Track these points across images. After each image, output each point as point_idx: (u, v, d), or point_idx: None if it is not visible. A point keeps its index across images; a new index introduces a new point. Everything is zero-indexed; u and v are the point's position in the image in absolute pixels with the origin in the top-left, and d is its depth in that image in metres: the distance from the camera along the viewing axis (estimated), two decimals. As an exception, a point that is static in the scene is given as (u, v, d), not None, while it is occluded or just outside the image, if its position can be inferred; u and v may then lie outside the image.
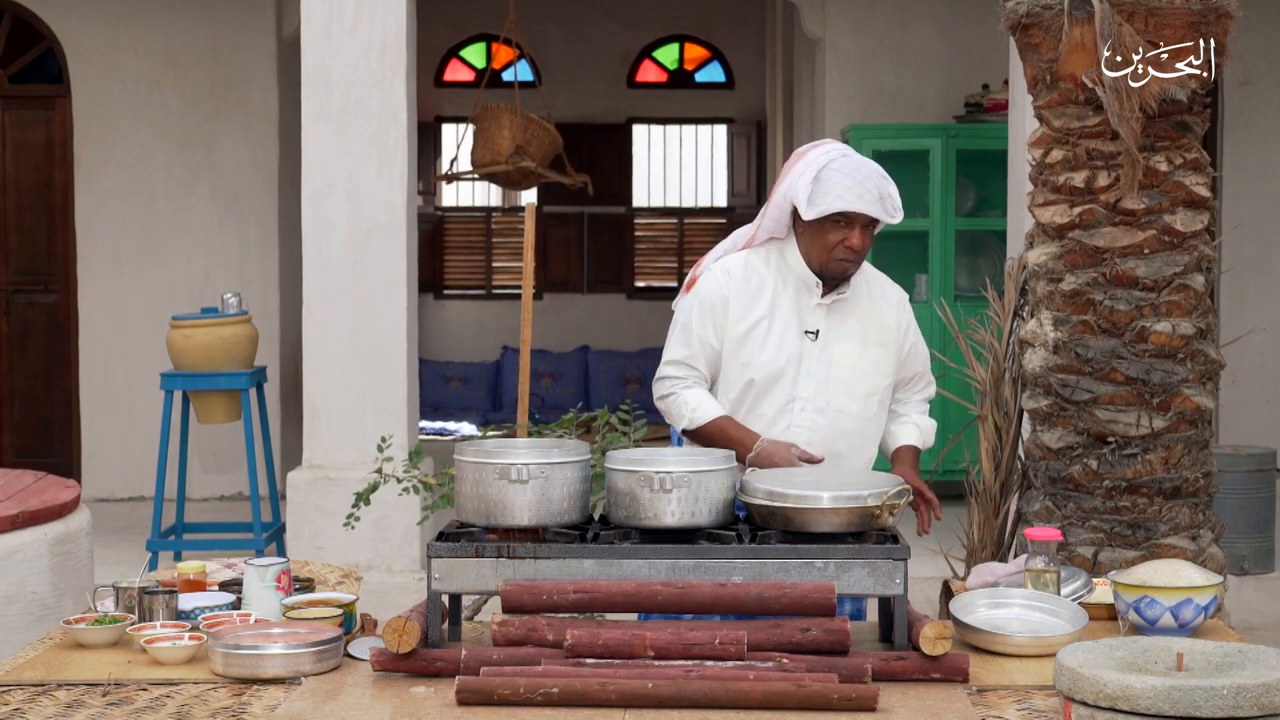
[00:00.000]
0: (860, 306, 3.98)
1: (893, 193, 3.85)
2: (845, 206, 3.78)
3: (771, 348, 3.90)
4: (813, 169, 3.83)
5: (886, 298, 4.05)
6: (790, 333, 3.91)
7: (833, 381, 3.91)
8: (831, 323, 3.93)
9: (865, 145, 9.26)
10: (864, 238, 3.85)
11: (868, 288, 4.02)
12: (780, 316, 3.92)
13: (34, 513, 4.80)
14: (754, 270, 3.96)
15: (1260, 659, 2.71)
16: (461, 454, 3.39)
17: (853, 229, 3.83)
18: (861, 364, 3.94)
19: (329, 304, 7.40)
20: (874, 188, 3.80)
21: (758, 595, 3.12)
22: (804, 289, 3.93)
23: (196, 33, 9.68)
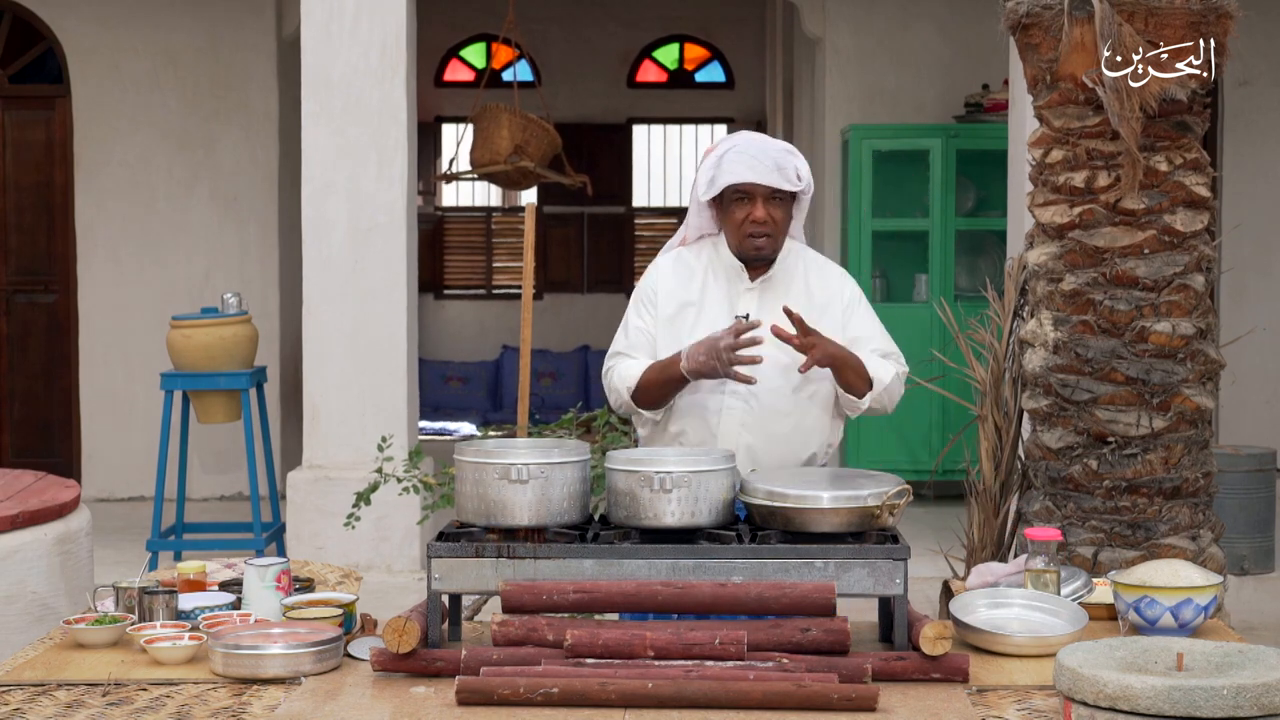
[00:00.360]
0: (795, 288, 3.95)
1: (795, 165, 3.85)
2: (735, 179, 3.82)
3: (700, 333, 3.89)
4: (718, 155, 3.89)
5: (826, 279, 4.00)
6: (721, 318, 3.92)
7: (766, 364, 3.84)
8: (764, 304, 3.92)
9: (865, 145, 9.28)
10: (769, 209, 3.85)
11: (804, 270, 3.99)
12: (710, 304, 3.94)
13: (34, 513, 4.80)
14: (684, 263, 4.01)
15: (1260, 659, 2.71)
16: (461, 454, 3.39)
17: (754, 202, 3.84)
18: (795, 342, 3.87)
19: (329, 304, 7.40)
20: (769, 160, 3.82)
21: (758, 595, 3.12)
22: (734, 276, 3.95)
23: (196, 33, 9.68)
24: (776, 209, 3.86)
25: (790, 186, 3.84)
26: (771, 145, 3.88)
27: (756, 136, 3.93)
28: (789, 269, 3.97)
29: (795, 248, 4.01)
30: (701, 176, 3.91)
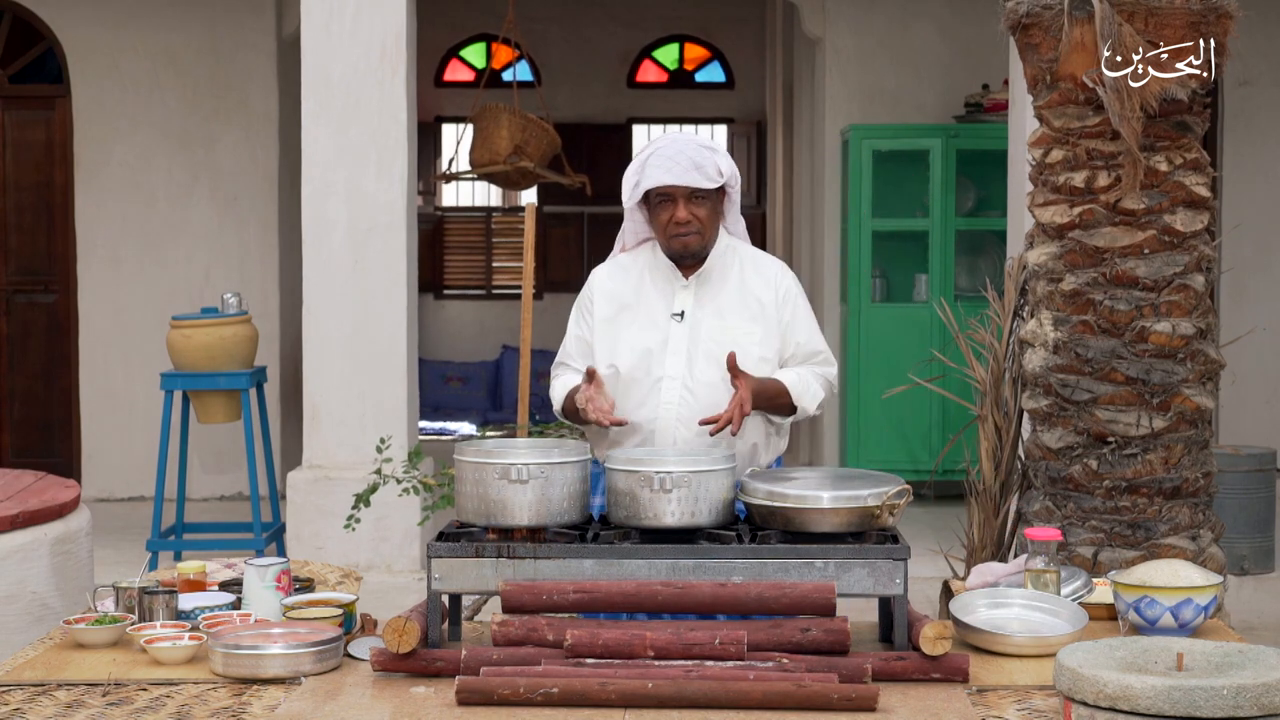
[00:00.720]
0: (730, 283, 3.98)
1: (715, 161, 3.86)
2: (652, 183, 3.85)
3: (636, 332, 3.93)
4: (638, 162, 3.92)
5: (762, 273, 4.03)
6: (657, 317, 3.94)
7: (699, 357, 3.89)
8: (699, 302, 3.95)
9: (865, 145, 9.27)
10: (691, 208, 3.87)
11: (740, 265, 4.01)
12: (646, 304, 3.96)
13: (34, 513, 4.80)
14: (621, 267, 4.04)
15: (1260, 659, 2.71)
16: (461, 454, 3.39)
17: (676, 204, 3.87)
18: (729, 337, 3.91)
19: (329, 304, 7.39)
20: (686, 160, 3.84)
21: (758, 595, 3.12)
22: (670, 275, 3.97)
23: (196, 33, 9.68)
24: (699, 207, 3.88)
25: (708, 184, 3.86)
26: (689, 145, 3.89)
27: (677, 138, 3.94)
28: (724, 265, 3.99)
29: (732, 244, 4.03)
30: (626, 184, 3.94)
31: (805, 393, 3.94)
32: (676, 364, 3.90)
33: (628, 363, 3.92)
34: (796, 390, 3.92)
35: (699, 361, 3.89)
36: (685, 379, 3.89)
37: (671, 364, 3.90)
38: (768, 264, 4.06)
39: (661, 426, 3.88)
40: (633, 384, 3.91)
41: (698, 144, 3.90)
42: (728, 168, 3.90)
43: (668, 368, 3.90)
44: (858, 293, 9.30)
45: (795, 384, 3.93)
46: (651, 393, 3.90)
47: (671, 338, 3.92)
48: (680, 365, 3.90)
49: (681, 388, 3.89)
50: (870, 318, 9.30)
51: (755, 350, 3.92)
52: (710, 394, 3.88)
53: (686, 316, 3.93)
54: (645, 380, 3.90)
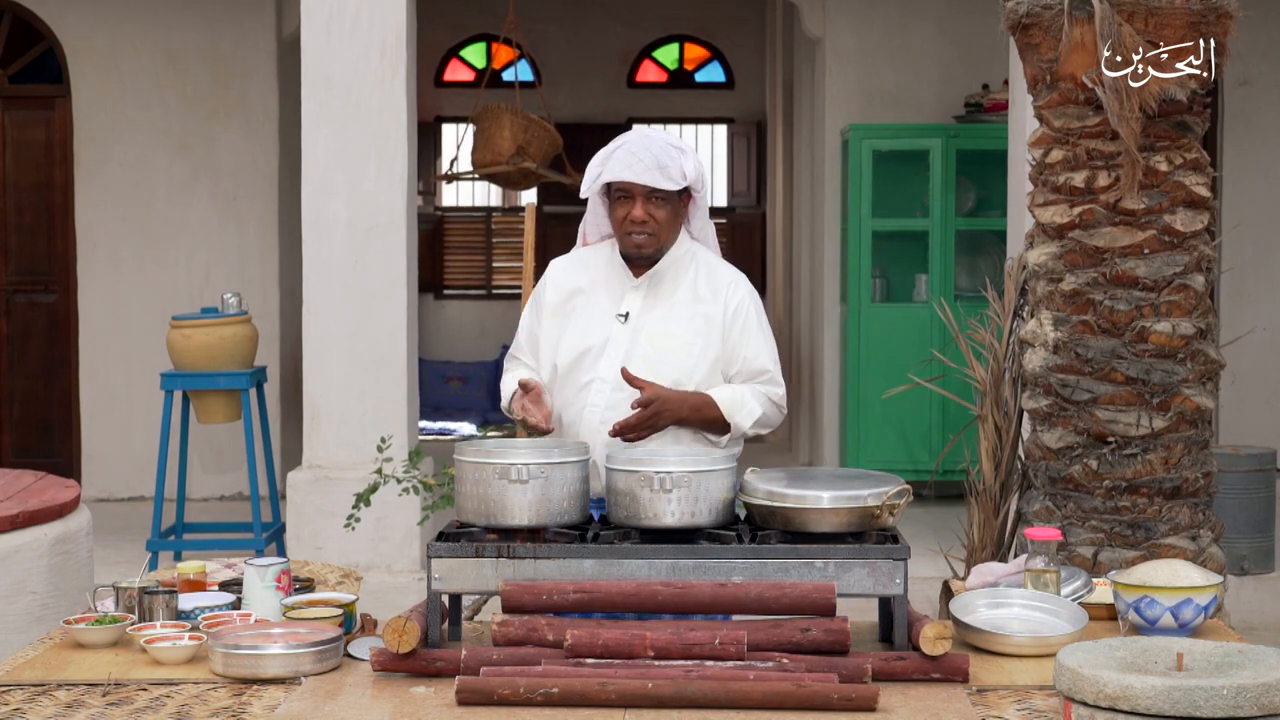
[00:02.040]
0: (681, 291, 3.89)
1: (680, 163, 3.78)
2: (612, 177, 3.79)
3: (580, 329, 3.89)
4: (604, 154, 3.85)
5: (715, 283, 3.91)
6: (603, 316, 3.90)
7: (635, 361, 3.82)
8: (646, 305, 3.88)
9: (865, 145, 9.28)
10: (648, 208, 3.80)
11: (695, 272, 3.91)
12: (595, 302, 3.91)
13: (34, 513, 4.80)
14: (577, 259, 4.01)
15: (1260, 659, 2.71)
16: (461, 454, 3.39)
17: (634, 201, 3.81)
18: (669, 344, 3.84)
19: (329, 304, 7.39)
20: (650, 158, 3.75)
21: (758, 595, 3.12)
22: (622, 275, 3.92)
23: (196, 32, 9.68)
24: (657, 208, 3.80)
25: (669, 185, 3.77)
26: (657, 143, 3.81)
27: (648, 134, 3.86)
28: (679, 270, 3.90)
29: (693, 249, 3.93)
30: (589, 173, 3.88)
31: (739, 410, 3.80)
32: (610, 367, 3.84)
33: (565, 361, 3.89)
34: (727, 406, 3.79)
35: (633, 364, 3.82)
36: (615, 380, 3.83)
37: (605, 366, 3.85)
38: (723, 275, 3.93)
39: (585, 429, 3.82)
40: (568, 381, 3.88)
41: (667, 143, 3.82)
42: (693, 171, 3.81)
43: (600, 370, 3.85)
44: (858, 293, 9.30)
45: (728, 399, 3.80)
46: (581, 393, 3.86)
47: (611, 339, 3.87)
48: (613, 368, 3.83)
49: (611, 391, 3.83)
50: (870, 318, 9.31)
51: (691, 362, 3.82)
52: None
53: (631, 318, 3.87)
54: (578, 380, 3.87)
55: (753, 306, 3.91)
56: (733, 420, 3.79)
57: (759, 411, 3.83)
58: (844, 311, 9.54)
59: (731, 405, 3.80)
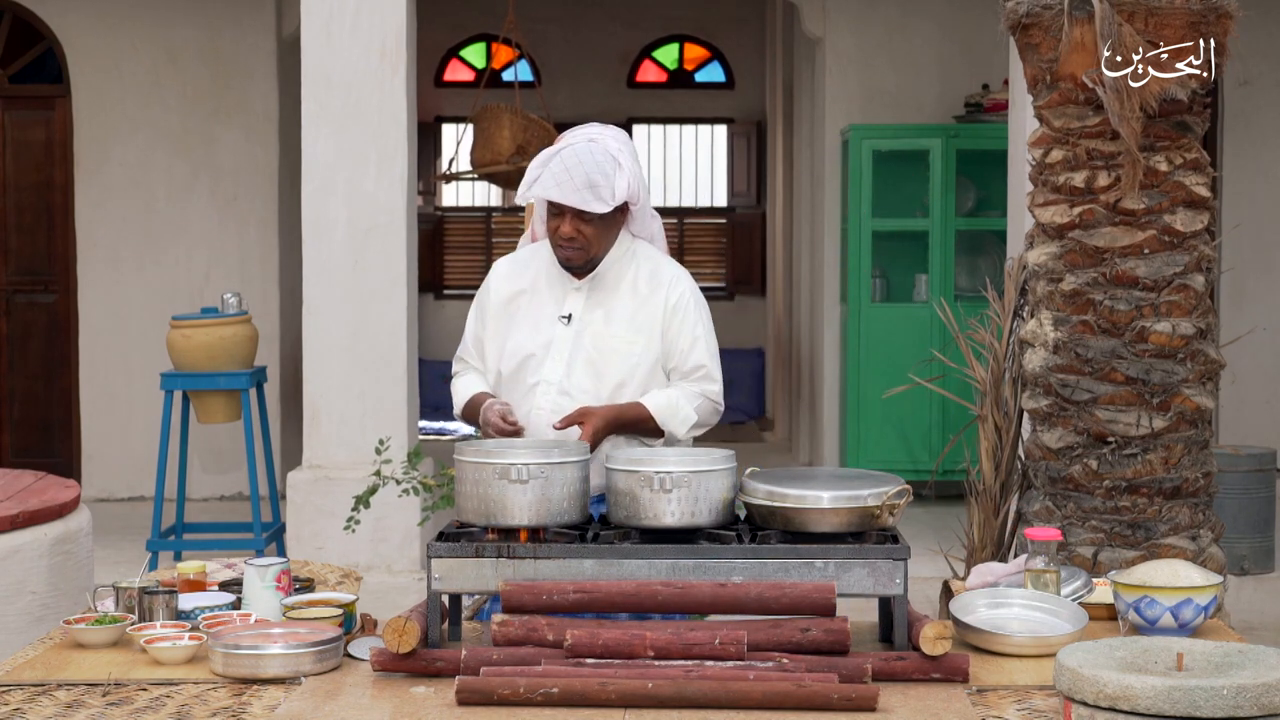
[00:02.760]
0: (622, 290, 3.91)
1: (612, 183, 3.76)
2: (541, 193, 3.80)
3: (524, 332, 3.90)
4: (549, 154, 3.85)
5: (656, 282, 3.92)
6: (546, 317, 3.91)
7: (579, 363, 3.85)
8: (588, 306, 3.90)
9: (865, 145, 9.28)
10: (576, 225, 3.80)
11: (636, 272, 3.92)
12: (538, 302, 3.93)
13: (34, 513, 4.80)
14: (520, 261, 4.02)
15: (1260, 659, 2.71)
16: (461, 454, 3.39)
17: (563, 217, 3.82)
18: (612, 345, 3.86)
19: (329, 304, 7.39)
20: (581, 176, 3.74)
21: (758, 595, 3.12)
22: (563, 277, 3.93)
23: (196, 33, 9.68)
24: (586, 225, 3.81)
25: (598, 207, 3.76)
26: (591, 160, 3.77)
27: (584, 149, 3.80)
28: (620, 270, 3.92)
29: (634, 247, 3.95)
30: (528, 176, 3.86)
31: (672, 417, 3.84)
32: (555, 369, 3.87)
33: (511, 364, 3.90)
34: (661, 415, 3.84)
35: (578, 368, 3.85)
36: (562, 383, 3.86)
37: (550, 369, 3.87)
38: (664, 271, 3.94)
39: (533, 431, 3.84)
40: (514, 385, 3.90)
41: (601, 159, 3.77)
42: (625, 190, 3.78)
43: (545, 372, 3.87)
44: (858, 293, 9.30)
45: (661, 408, 3.84)
46: (527, 396, 3.88)
47: (555, 341, 3.89)
48: (558, 371, 3.86)
49: (557, 393, 3.86)
50: (870, 318, 9.31)
51: (634, 360, 3.86)
52: (584, 400, 3.85)
53: (574, 320, 3.89)
54: (524, 383, 3.89)
55: (693, 301, 3.92)
56: (667, 429, 3.85)
57: (694, 417, 3.88)
58: (844, 311, 9.54)
59: (665, 413, 3.85)
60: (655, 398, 3.86)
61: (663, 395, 3.87)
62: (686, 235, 14.23)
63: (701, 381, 3.91)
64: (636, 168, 3.85)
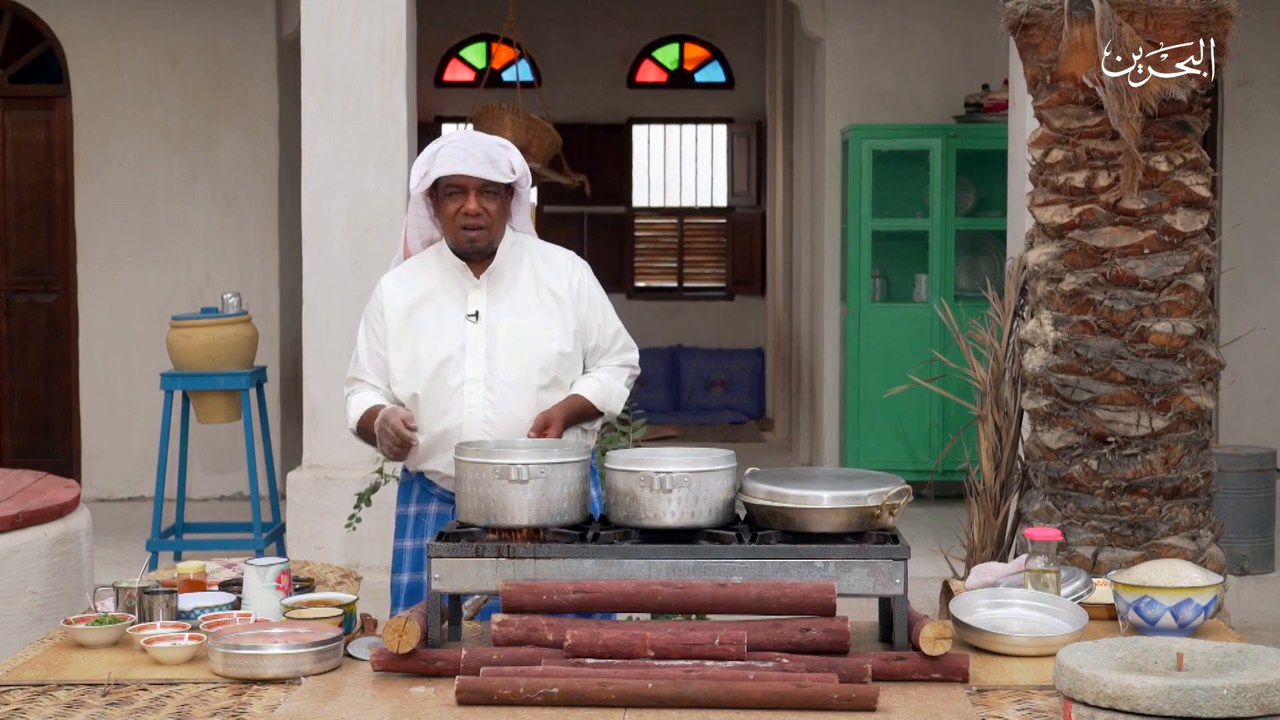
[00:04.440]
0: (522, 279, 3.96)
1: (508, 158, 3.89)
2: (445, 171, 3.84)
3: (432, 338, 3.91)
4: (429, 153, 3.91)
5: (554, 266, 4.01)
6: (452, 320, 3.92)
7: (499, 357, 3.88)
8: (492, 300, 3.93)
9: (865, 145, 9.27)
10: (481, 201, 3.87)
11: (530, 260, 3.99)
12: (439, 308, 3.94)
13: (34, 513, 4.80)
14: (407, 273, 4.02)
15: (1260, 659, 2.71)
16: (461, 454, 3.39)
17: (467, 196, 3.86)
18: (528, 333, 3.91)
19: (329, 304, 7.39)
20: (480, 152, 3.84)
21: (758, 595, 3.12)
22: (460, 275, 3.95)
23: (196, 32, 9.68)
24: (490, 201, 3.88)
25: (501, 178, 3.87)
26: (484, 139, 3.91)
27: (470, 133, 3.95)
28: (515, 260, 3.98)
29: (518, 239, 4.00)
30: (415, 172, 3.92)
31: (609, 399, 4.00)
32: (476, 366, 3.89)
33: (427, 372, 3.89)
34: (599, 399, 3.98)
35: (499, 362, 3.88)
36: (486, 379, 3.88)
37: (471, 367, 3.89)
38: (558, 256, 4.05)
39: (467, 433, 3.85)
40: (435, 389, 3.89)
41: (492, 141, 3.92)
42: (520, 166, 3.92)
43: (467, 371, 3.89)
44: (858, 293, 9.30)
45: (597, 393, 3.98)
46: (454, 399, 3.89)
47: (469, 340, 3.90)
48: (480, 367, 3.88)
49: (484, 389, 3.88)
50: (870, 318, 9.31)
51: (554, 345, 3.93)
52: (513, 393, 3.88)
53: (482, 316, 3.91)
54: (447, 387, 3.89)
55: (592, 280, 4.06)
56: (605, 409, 4.00)
57: (626, 392, 4.06)
58: (844, 311, 9.54)
59: (602, 397, 3.99)
60: (588, 384, 3.98)
61: (593, 381, 3.99)
62: (686, 235, 14.23)
63: (623, 353, 4.07)
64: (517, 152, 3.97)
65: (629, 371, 4.08)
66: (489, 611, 3.72)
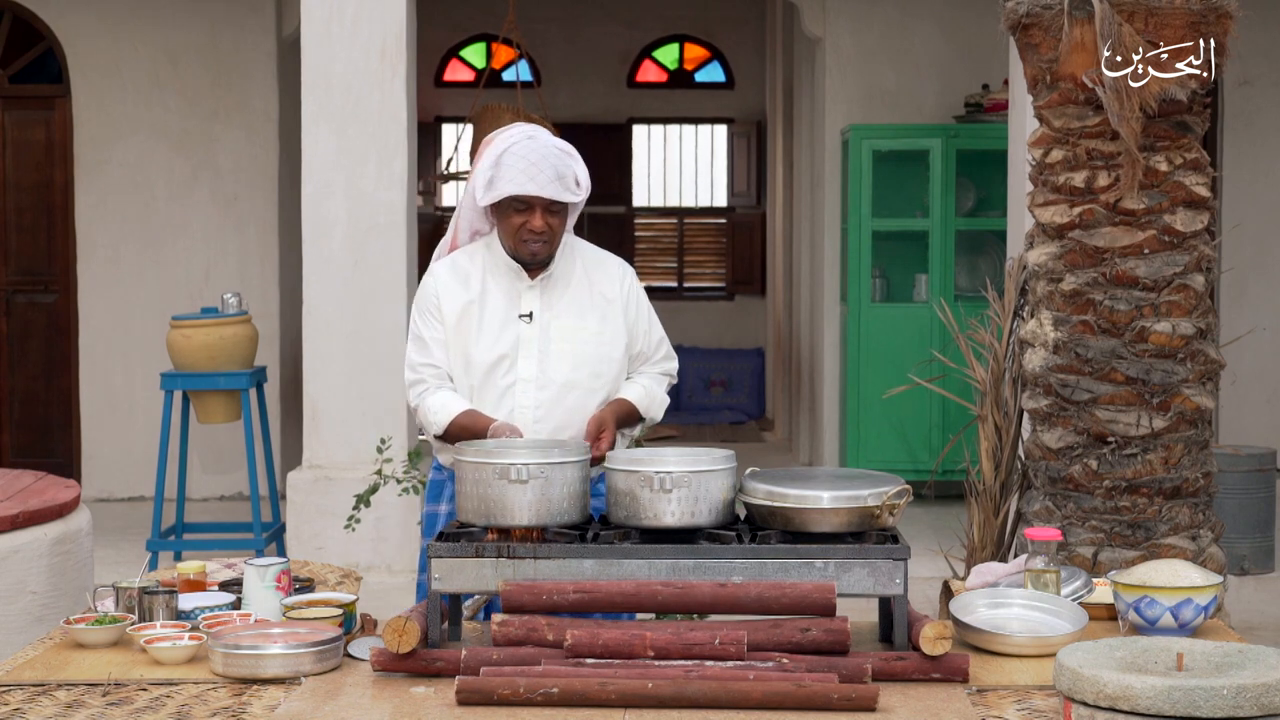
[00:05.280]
0: (575, 282, 3.96)
1: (574, 170, 3.84)
2: (516, 190, 3.79)
3: (487, 337, 3.90)
4: (494, 155, 3.84)
5: (606, 270, 4.01)
6: (505, 319, 3.91)
7: (552, 357, 3.88)
8: (546, 302, 3.92)
9: (865, 145, 9.28)
10: (547, 219, 3.83)
11: (583, 263, 3.99)
12: (491, 305, 3.92)
13: (34, 513, 4.80)
14: (459, 266, 3.99)
15: (1260, 659, 2.71)
16: (462, 454, 3.39)
17: (533, 211, 3.82)
18: (580, 336, 3.91)
19: (329, 304, 7.40)
20: (549, 169, 3.79)
21: (758, 595, 3.12)
22: (513, 275, 3.93)
23: (196, 33, 9.68)
24: (554, 218, 3.85)
25: (570, 197, 3.82)
26: (551, 150, 3.82)
27: (538, 141, 3.85)
28: (567, 265, 3.97)
29: (570, 241, 4.00)
30: (479, 178, 3.86)
31: (652, 405, 4.01)
32: (529, 366, 3.89)
33: (480, 370, 3.89)
34: (644, 405, 3.98)
35: (551, 361, 3.89)
36: (538, 379, 3.88)
37: (524, 366, 3.89)
38: (609, 260, 4.05)
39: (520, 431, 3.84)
40: (487, 387, 3.89)
41: (558, 150, 3.85)
42: (584, 179, 3.87)
43: (520, 370, 3.89)
44: (858, 293, 9.30)
45: (642, 399, 3.98)
46: (505, 398, 3.89)
47: (522, 340, 3.90)
48: (533, 367, 3.89)
49: (535, 389, 3.89)
50: (870, 318, 9.31)
51: (605, 349, 3.93)
52: (563, 394, 3.89)
53: (535, 317, 3.91)
54: (497, 386, 3.89)
55: (640, 287, 4.08)
56: (648, 416, 4.01)
57: (667, 400, 4.07)
58: (844, 311, 9.54)
59: (646, 403, 4.00)
60: (633, 390, 3.99)
61: (638, 386, 4.00)
62: (686, 235, 14.23)
63: (664, 361, 4.09)
64: (579, 158, 3.93)
65: (669, 380, 4.09)
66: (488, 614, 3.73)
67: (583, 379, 3.90)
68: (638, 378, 4.02)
